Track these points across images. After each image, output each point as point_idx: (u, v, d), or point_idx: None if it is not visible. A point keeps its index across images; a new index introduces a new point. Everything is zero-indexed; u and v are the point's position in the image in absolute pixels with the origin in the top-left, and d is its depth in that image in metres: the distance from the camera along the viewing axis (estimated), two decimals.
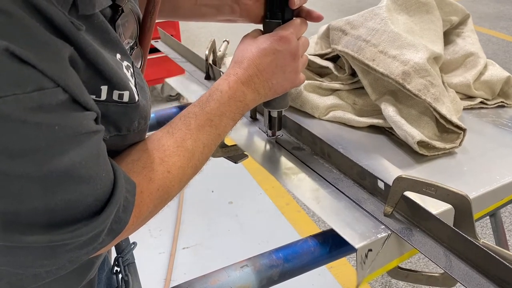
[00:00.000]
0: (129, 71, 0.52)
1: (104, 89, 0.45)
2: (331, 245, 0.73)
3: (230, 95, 0.66)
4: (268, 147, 0.93)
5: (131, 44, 0.57)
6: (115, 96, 0.47)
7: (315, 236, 0.74)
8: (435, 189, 0.66)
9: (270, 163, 0.88)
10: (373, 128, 0.97)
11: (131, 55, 0.58)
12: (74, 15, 0.42)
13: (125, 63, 0.51)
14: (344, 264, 2.02)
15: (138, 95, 0.51)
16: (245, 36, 0.72)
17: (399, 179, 0.68)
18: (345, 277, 1.98)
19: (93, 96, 0.44)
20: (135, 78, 0.53)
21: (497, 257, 0.58)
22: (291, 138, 0.93)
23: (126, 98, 0.48)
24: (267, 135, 0.91)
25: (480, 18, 5.11)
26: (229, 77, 0.67)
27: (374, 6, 0.99)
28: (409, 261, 1.96)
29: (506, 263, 0.57)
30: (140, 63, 0.62)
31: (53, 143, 0.38)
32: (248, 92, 0.68)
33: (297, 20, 0.72)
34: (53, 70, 0.37)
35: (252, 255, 0.70)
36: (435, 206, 0.71)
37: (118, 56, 0.50)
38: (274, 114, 0.84)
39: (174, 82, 1.27)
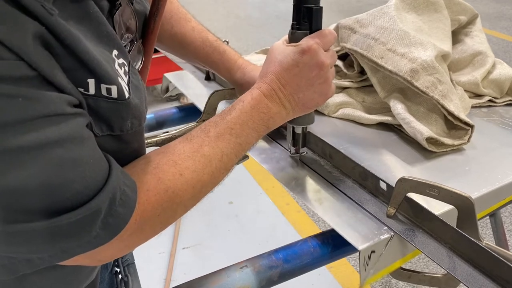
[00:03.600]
0: (123, 68, 0.51)
1: (91, 82, 0.45)
2: (331, 245, 0.72)
3: (253, 105, 0.64)
4: (267, 146, 0.92)
5: (130, 39, 0.57)
6: (103, 91, 0.46)
7: (315, 236, 0.74)
8: (438, 190, 0.65)
9: (271, 163, 0.88)
10: (382, 126, 0.97)
11: (131, 49, 0.57)
12: (65, 0, 0.42)
13: (120, 60, 0.50)
14: (344, 264, 2.02)
15: (129, 92, 0.50)
16: (272, 48, 0.70)
17: (402, 180, 0.68)
18: (345, 277, 1.97)
19: (82, 90, 0.44)
20: (129, 77, 0.52)
21: (501, 258, 0.58)
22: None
23: (114, 93, 0.47)
24: (289, 152, 0.86)
25: (480, 18, 5.10)
26: (253, 90, 0.66)
27: (383, 5, 0.99)
28: (409, 261, 1.96)
29: (510, 264, 0.57)
30: (140, 60, 0.61)
31: (19, 116, 0.37)
32: (272, 106, 0.65)
33: (324, 31, 0.68)
34: (13, 42, 0.36)
35: (252, 255, 0.70)
36: (438, 207, 0.70)
37: (115, 52, 0.50)
38: (298, 130, 0.80)
39: (173, 78, 1.27)
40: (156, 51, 1.45)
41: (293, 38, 0.69)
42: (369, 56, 0.94)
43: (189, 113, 1.17)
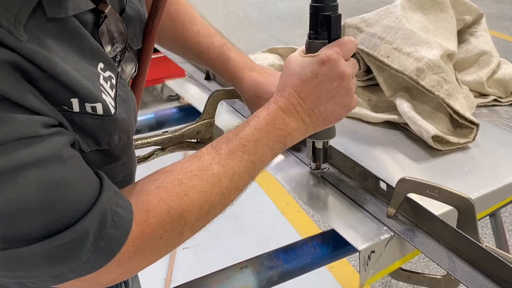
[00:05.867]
0: (109, 82, 0.49)
1: (75, 101, 0.44)
2: (330, 246, 0.72)
3: (268, 121, 0.60)
4: None
5: (120, 49, 0.55)
6: (88, 109, 0.45)
7: (314, 237, 0.74)
8: (439, 191, 0.65)
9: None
10: (388, 124, 0.97)
11: (121, 59, 0.56)
12: (42, 18, 0.41)
13: (106, 74, 0.49)
14: (344, 264, 2.02)
15: (115, 108, 0.49)
16: (289, 60, 0.65)
17: (402, 181, 0.68)
18: (345, 277, 1.97)
19: (66, 107, 0.43)
20: (116, 90, 0.50)
21: (501, 258, 0.58)
22: None
23: (100, 110, 0.46)
24: (310, 167, 0.82)
25: None
26: (269, 105, 0.62)
27: (389, 5, 1.00)
28: (409, 261, 1.96)
29: (510, 264, 0.57)
30: (133, 68, 0.60)
31: None
32: (290, 121, 0.61)
33: (344, 39, 0.64)
34: None
35: (252, 255, 0.70)
36: (438, 207, 0.70)
37: (101, 65, 0.48)
38: (319, 145, 0.75)
39: (174, 85, 1.27)
40: (156, 50, 1.46)
41: (311, 48, 0.65)
42: (375, 55, 0.94)
43: (189, 113, 1.17)
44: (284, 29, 4.65)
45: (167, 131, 0.91)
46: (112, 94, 0.49)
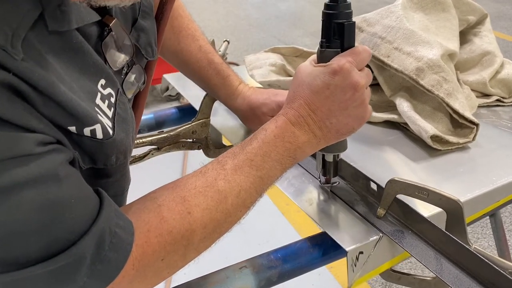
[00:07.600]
0: (107, 101, 0.47)
1: (73, 129, 0.42)
2: (329, 246, 0.72)
3: (277, 134, 0.58)
4: None
5: (127, 60, 0.53)
6: (87, 133, 0.44)
7: (313, 237, 0.74)
8: (427, 193, 0.65)
9: None
10: (388, 124, 0.98)
11: (128, 71, 0.54)
12: (44, 31, 0.39)
13: (106, 91, 0.47)
14: (344, 264, 2.01)
15: (113, 128, 0.47)
16: (299, 70, 0.62)
17: (391, 182, 0.68)
18: (345, 277, 1.97)
19: (64, 129, 0.42)
20: (115, 109, 0.49)
21: (488, 261, 0.57)
22: None
23: (99, 134, 0.44)
24: (319, 181, 0.79)
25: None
26: (278, 117, 0.60)
27: (390, 4, 1.00)
28: (409, 261, 1.96)
29: (497, 267, 0.57)
30: (143, 78, 0.58)
31: None
32: (300, 134, 0.59)
33: (357, 48, 0.61)
34: None
35: (252, 255, 0.70)
36: (430, 208, 0.70)
37: (102, 82, 0.47)
38: (329, 158, 0.72)
39: (172, 79, 1.27)
40: None
41: (323, 57, 0.62)
42: (375, 54, 0.95)
43: (189, 113, 1.17)
44: (284, 29, 4.65)
45: (162, 131, 0.92)
46: (110, 113, 0.48)
